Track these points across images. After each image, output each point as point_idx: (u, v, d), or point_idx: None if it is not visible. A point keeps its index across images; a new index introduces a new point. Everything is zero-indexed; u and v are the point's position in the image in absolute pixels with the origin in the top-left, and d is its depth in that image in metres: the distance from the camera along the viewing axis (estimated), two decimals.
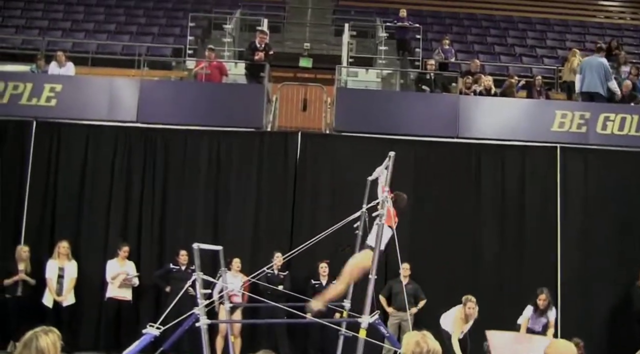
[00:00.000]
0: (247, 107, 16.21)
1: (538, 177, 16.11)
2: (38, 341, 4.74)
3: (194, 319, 9.12)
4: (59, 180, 15.59)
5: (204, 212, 15.50)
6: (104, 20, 23.81)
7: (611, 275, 15.51)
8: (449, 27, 25.04)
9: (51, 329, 4.90)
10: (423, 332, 4.74)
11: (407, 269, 14.29)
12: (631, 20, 29.20)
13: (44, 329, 4.85)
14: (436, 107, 16.69)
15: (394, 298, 14.34)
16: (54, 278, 14.27)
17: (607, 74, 17.07)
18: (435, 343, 4.68)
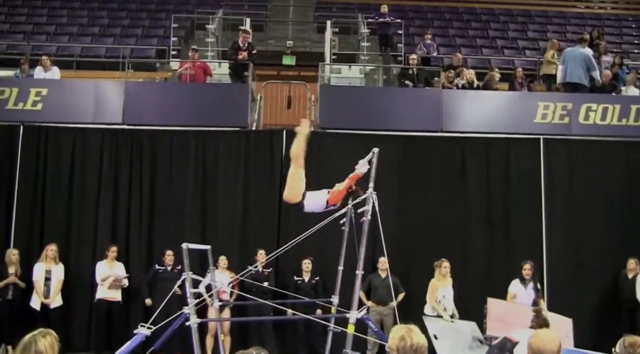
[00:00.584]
0: (231, 106, 16.30)
1: (522, 169, 16.21)
2: (37, 344, 4.82)
3: (184, 319, 9.21)
4: (47, 183, 15.67)
5: (192, 212, 15.58)
6: (88, 23, 23.86)
7: (597, 265, 15.67)
8: (430, 21, 25.16)
9: (49, 331, 4.99)
10: (409, 326, 4.75)
11: (385, 262, 14.33)
12: (612, 10, 29.37)
13: (42, 332, 4.94)
14: (419, 102, 16.76)
15: (374, 291, 14.46)
16: (41, 281, 14.32)
17: (591, 64, 17.21)
18: (420, 337, 4.69)
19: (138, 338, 8.46)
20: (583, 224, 15.95)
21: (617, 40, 24.81)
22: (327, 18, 22.81)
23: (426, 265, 15.07)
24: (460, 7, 27.42)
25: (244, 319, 14.53)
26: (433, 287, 13.83)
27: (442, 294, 13.80)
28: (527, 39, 24.42)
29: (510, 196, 16.10)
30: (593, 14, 28.39)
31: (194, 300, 9.20)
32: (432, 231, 15.71)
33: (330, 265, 11.14)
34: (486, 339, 12.37)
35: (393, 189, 15.70)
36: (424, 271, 15.06)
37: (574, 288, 15.60)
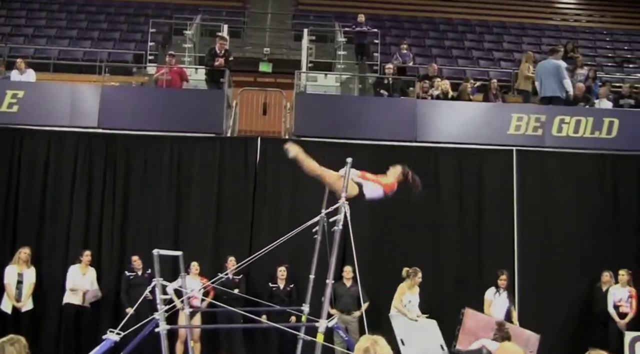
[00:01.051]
0: (207, 112, 16.35)
1: (495, 180, 16.30)
2: (4, 351, 4.83)
3: (154, 325, 9.21)
4: (20, 186, 15.61)
5: (165, 217, 15.56)
6: (66, 26, 23.93)
7: (569, 277, 15.76)
8: (407, 31, 25.31)
9: (18, 338, 4.98)
10: (374, 337, 4.77)
11: (350, 271, 14.42)
12: (587, 23, 29.69)
13: (10, 340, 4.93)
14: (394, 112, 16.81)
15: (338, 300, 14.42)
16: (13, 284, 14.20)
17: (561, 74, 17.34)
18: (385, 348, 4.69)
19: (107, 344, 8.47)
20: (555, 236, 16.06)
21: (591, 53, 25.09)
22: (304, 26, 22.96)
23: (398, 275, 15.13)
24: (437, 17, 27.69)
25: (214, 327, 14.54)
26: (400, 290, 14.11)
27: (409, 299, 14.09)
28: (502, 50, 24.65)
29: (483, 206, 16.18)
30: (568, 27, 28.71)
31: (163, 307, 9.20)
32: (405, 240, 15.74)
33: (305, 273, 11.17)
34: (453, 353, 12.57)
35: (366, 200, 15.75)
36: (395, 280, 15.12)
37: (546, 299, 15.69)
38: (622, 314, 14.66)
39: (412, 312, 13.95)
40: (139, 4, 26.74)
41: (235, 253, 14.31)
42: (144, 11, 25.69)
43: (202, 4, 26.29)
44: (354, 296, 14.25)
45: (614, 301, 14.75)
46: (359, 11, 23.52)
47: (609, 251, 15.99)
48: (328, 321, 8.49)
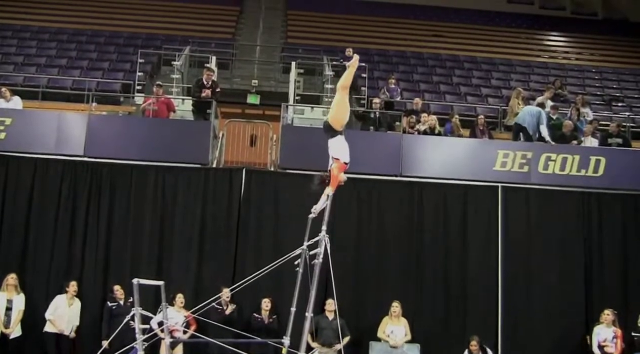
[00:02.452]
0: (193, 143, 16.38)
1: (480, 216, 16.28)
2: None
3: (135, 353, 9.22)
4: (5, 212, 15.61)
5: (149, 247, 15.53)
6: (56, 54, 24.00)
7: (554, 316, 15.71)
8: (395, 66, 25.40)
9: None
10: None
11: (332, 304, 14.41)
12: (575, 61, 29.84)
13: None
14: (380, 146, 16.82)
15: (320, 333, 14.45)
16: (2, 310, 14.16)
17: (541, 118, 17.58)
18: None
19: None
20: (540, 273, 16.03)
21: (579, 91, 25.15)
22: (293, 59, 23.05)
23: (379, 308, 15.17)
24: (425, 52, 27.80)
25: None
26: (383, 322, 14.76)
27: (391, 329, 14.66)
28: (490, 86, 24.74)
29: (467, 242, 16.15)
30: (557, 64, 28.85)
31: (142, 336, 9.20)
32: (388, 274, 15.77)
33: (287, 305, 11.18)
34: None
35: (351, 232, 15.80)
36: (378, 314, 15.16)
37: (530, 336, 15.67)
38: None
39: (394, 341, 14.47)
40: (129, 34, 26.90)
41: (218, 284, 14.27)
42: (133, 41, 25.83)
43: (192, 35, 26.46)
44: (335, 329, 14.22)
45: (598, 341, 14.62)
46: (348, 45, 23.61)
47: (594, 289, 15.99)
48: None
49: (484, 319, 15.60)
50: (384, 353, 14.64)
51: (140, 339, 9.17)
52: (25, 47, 24.74)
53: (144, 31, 27.60)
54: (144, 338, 9.28)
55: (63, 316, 14.42)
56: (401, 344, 14.63)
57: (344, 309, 12.99)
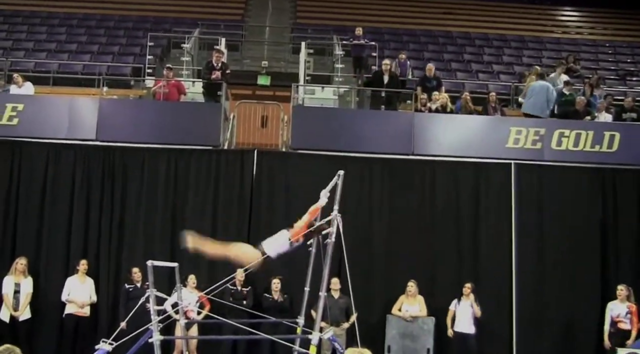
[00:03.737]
0: (204, 125, 16.38)
1: (492, 194, 16.19)
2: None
3: (150, 335, 9.24)
4: (20, 197, 15.69)
5: (162, 229, 15.57)
6: (66, 40, 24.07)
7: (568, 291, 15.68)
8: (406, 44, 25.26)
9: (13, 349, 4.94)
10: (360, 350, 4.74)
11: (337, 283, 14.43)
12: (589, 36, 29.59)
13: (7, 350, 4.90)
14: (391, 125, 16.76)
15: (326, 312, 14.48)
16: (11, 294, 14.37)
17: (551, 97, 17.62)
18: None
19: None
20: (554, 251, 15.95)
21: (593, 66, 25.02)
22: (302, 39, 23.03)
23: (393, 286, 15.18)
24: (436, 30, 27.64)
25: (206, 337, 14.49)
26: (399, 300, 14.92)
27: (406, 308, 14.80)
28: (502, 63, 24.61)
29: (480, 220, 16.08)
30: (570, 39, 28.63)
31: (157, 317, 9.23)
32: (401, 253, 15.73)
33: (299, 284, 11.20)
34: None
35: (363, 211, 15.79)
36: (389, 294, 15.17)
37: (544, 313, 15.64)
38: (621, 330, 14.44)
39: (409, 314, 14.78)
40: (138, 18, 26.89)
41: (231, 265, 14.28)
42: (142, 25, 25.83)
43: (201, 17, 26.38)
44: (342, 308, 14.34)
45: (611, 317, 14.57)
46: (358, 24, 23.56)
47: (606, 266, 15.94)
48: (323, 334, 8.54)
49: (498, 296, 15.57)
50: (400, 326, 14.74)
51: (155, 321, 9.20)
52: (35, 33, 24.81)
53: (153, 14, 27.58)
54: (158, 319, 9.31)
55: (78, 296, 14.58)
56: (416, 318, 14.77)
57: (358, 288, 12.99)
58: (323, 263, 8.91)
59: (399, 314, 14.75)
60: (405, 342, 14.69)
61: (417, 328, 14.73)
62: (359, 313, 13.37)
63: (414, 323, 14.71)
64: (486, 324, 15.04)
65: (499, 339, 15.42)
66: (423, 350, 14.68)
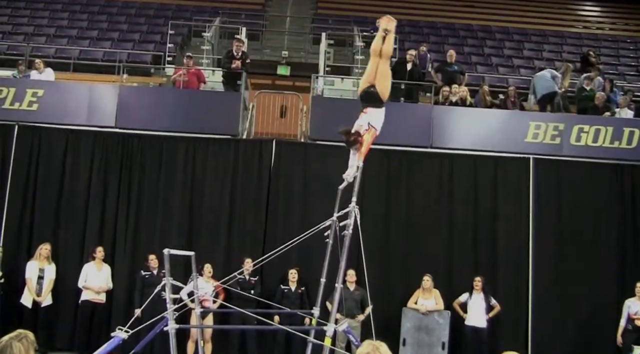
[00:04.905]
0: (223, 114, 16.39)
1: (510, 188, 16.20)
2: (12, 348, 4.80)
3: (164, 324, 9.25)
4: (38, 183, 15.80)
5: (179, 218, 15.66)
6: (87, 26, 24.12)
7: (586, 287, 15.65)
8: (426, 37, 25.12)
9: (26, 334, 4.91)
10: (375, 343, 4.71)
11: (353, 275, 14.45)
12: (610, 31, 29.37)
13: (18, 336, 4.87)
14: (410, 117, 16.69)
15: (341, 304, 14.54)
16: (34, 279, 14.46)
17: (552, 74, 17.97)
18: None
19: (115, 341, 8.52)
20: (572, 246, 15.95)
21: (613, 61, 24.89)
22: (323, 30, 23.00)
23: (410, 279, 15.19)
24: (457, 23, 27.53)
25: (222, 327, 14.56)
26: (415, 294, 14.97)
27: (421, 303, 14.84)
28: (522, 57, 24.49)
29: (498, 214, 16.07)
30: (590, 34, 28.41)
31: (172, 306, 9.24)
32: (418, 246, 15.77)
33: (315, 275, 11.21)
34: None
35: (380, 203, 15.79)
36: (406, 286, 15.17)
37: (561, 309, 15.64)
38: (638, 327, 14.33)
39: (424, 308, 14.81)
40: (159, 6, 26.88)
41: (248, 255, 14.36)
42: (163, 13, 25.84)
43: (222, 6, 26.38)
44: (357, 300, 14.38)
45: (628, 314, 14.49)
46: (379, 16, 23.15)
47: (624, 262, 15.89)
48: (338, 325, 8.54)
49: (515, 291, 15.59)
50: (415, 319, 14.77)
51: (171, 310, 9.21)
52: (56, 19, 24.89)
53: (174, 2, 27.53)
54: (174, 308, 9.32)
55: (95, 282, 14.66)
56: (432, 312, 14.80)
57: (374, 280, 13.01)
58: (340, 255, 8.89)
59: (415, 306, 14.76)
60: (420, 335, 14.72)
61: (432, 321, 14.75)
62: (375, 305, 13.39)
63: (430, 316, 14.73)
64: (503, 318, 15.09)
65: (515, 334, 15.43)
66: (438, 343, 14.71)
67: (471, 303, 14.81)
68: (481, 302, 14.74)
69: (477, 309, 14.74)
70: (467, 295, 14.90)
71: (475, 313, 14.72)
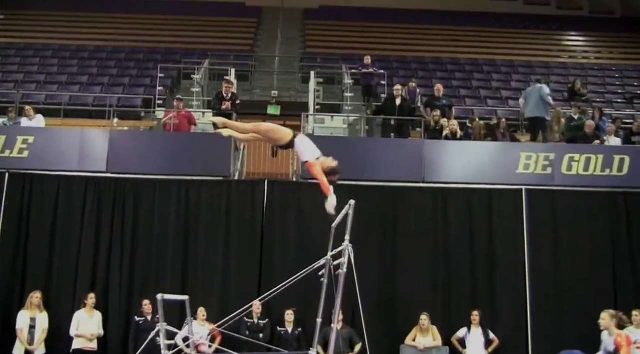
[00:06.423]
0: (214, 156, 16.36)
1: (505, 220, 16.17)
2: None
3: None
4: (30, 231, 15.69)
5: (173, 261, 15.55)
6: (77, 72, 24.28)
7: (583, 317, 15.41)
8: (414, 72, 25.31)
9: None
10: None
11: (340, 314, 14.38)
12: (595, 60, 29.66)
13: None
14: (402, 152, 16.70)
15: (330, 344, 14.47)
16: (26, 329, 14.24)
17: (544, 95, 18.09)
18: None
19: None
20: (567, 276, 15.89)
21: (600, 90, 25.10)
22: (312, 68, 23.12)
23: (407, 315, 15.14)
24: (445, 57, 27.77)
25: None
26: (412, 332, 14.86)
27: (419, 341, 14.76)
28: (510, 89, 24.68)
29: (494, 247, 16.03)
30: (577, 64, 28.71)
31: (167, 352, 9.19)
32: (414, 281, 15.68)
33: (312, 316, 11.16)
34: None
35: (375, 240, 15.77)
36: (405, 321, 15.12)
37: (559, 340, 15.49)
38: None
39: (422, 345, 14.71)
40: (149, 50, 27.10)
41: (244, 296, 14.28)
42: (153, 56, 26.03)
43: (211, 48, 26.54)
44: (346, 339, 14.25)
45: None
46: (367, 53, 23.60)
47: (621, 290, 15.86)
48: None
49: (513, 323, 15.50)
50: None
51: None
52: (46, 65, 25.04)
53: (163, 46, 27.78)
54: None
55: (87, 330, 14.49)
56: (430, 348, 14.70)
57: (371, 318, 12.96)
58: (335, 294, 8.87)
59: (413, 344, 14.69)
60: None
61: None
62: (372, 343, 13.31)
63: (428, 353, 14.65)
64: (502, 351, 15.00)
65: None
66: None
67: (470, 338, 14.76)
68: (480, 337, 14.69)
69: (476, 344, 14.68)
70: (466, 330, 14.84)
71: (474, 348, 14.66)
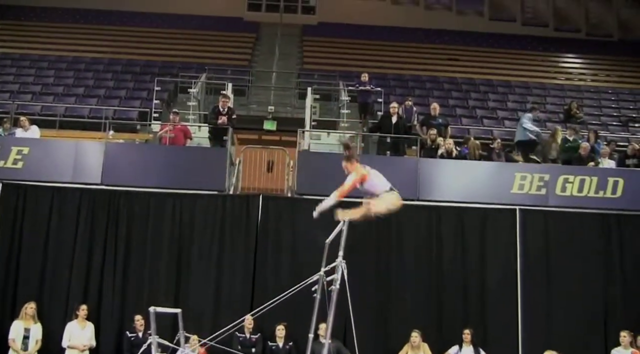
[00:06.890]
0: (210, 170, 16.35)
1: (498, 240, 16.16)
2: None
3: None
4: (23, 242, 15.61)
5: (166, 275, 15.49)
6: (73, 83, 24.21)
7: (574, 338, 15.50)
8: (411, 90, 25.35)
9: None
10: None
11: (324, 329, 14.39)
12: (591, 82, 29.76)
13: None
14: (396, 170, 16.48)
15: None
16: (19, 339, 14.21)
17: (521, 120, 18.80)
18: None
19: None
20: (559, 297, 15.87)
21: (596, 112, 25.15)
22: (309, 84, 23.15)
23: (398, 332, 15.09)
24: (441, 76, 27.83)
25: None
26: (403, 350, 14.76)
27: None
28: (506, 109, 24.69)
29: (486, 265, 16.02)
30: (573, 86, 28.75)
31: None
32: (406, 299, 15.67)
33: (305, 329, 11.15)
34: None
35: (368, 257, 15.74)
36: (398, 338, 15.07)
37: None
38: None
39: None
40: (146, 62, 27.10)
41: (237, 311, 14.24)
42: (150, 69, 26.02)
43: (208, 62, 26.61)
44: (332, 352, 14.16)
45: None
46: (364, 70, 23.65)
47: (613, 311, 15.85)
48: None
49: (504, 343, 15.46)
50: None
51: None
52: (42, 76, 25.04)
53: (160, 59, 27.80)
54: None
55: (79, 341, 14.44)
56: None
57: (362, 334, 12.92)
58: (327, 309, 8.86)
59: None
60: None
61: None
62: None
63: None
64: None
65: None
66: None
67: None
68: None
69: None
70: (457, 348, 14.79)
71: None
